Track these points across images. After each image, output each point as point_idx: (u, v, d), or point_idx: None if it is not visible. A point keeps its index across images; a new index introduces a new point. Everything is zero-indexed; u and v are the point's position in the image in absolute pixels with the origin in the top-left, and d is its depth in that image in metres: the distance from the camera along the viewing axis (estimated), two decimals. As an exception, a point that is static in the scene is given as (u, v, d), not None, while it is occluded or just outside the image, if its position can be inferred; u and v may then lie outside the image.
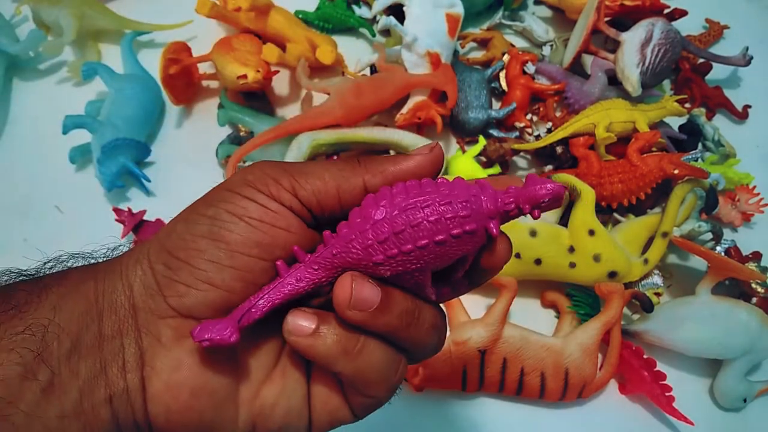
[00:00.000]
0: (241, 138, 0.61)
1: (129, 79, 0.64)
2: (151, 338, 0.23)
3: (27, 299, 0.22)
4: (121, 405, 0.22)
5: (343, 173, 0.25)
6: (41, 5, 0.64)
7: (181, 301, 0.23)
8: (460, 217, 0.22)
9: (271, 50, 0.61)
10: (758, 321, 0.55)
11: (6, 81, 0.67)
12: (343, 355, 0.23)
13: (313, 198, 0.24)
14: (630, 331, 0.57)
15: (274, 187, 0.24)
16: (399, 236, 0.22)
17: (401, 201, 0.23)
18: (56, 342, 0.22)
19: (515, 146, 0.64)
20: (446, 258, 0.23)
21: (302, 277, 0.24)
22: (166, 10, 0.71)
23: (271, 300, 0.23)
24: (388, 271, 0.23)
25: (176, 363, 0.23)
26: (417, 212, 0.22)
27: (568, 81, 0.68)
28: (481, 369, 0.52)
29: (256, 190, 0.24)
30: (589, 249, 0.56)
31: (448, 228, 0.22)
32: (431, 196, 0.23)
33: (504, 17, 0.76)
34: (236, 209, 0.24)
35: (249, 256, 0.23)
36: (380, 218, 0.22)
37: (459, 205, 0.23)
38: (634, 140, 0.61)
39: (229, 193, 0.24)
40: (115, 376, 0.22)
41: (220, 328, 0.22)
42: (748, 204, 0.66)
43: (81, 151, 0.61)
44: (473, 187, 0.23)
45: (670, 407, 0.54)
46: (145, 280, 0.23)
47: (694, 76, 0.73)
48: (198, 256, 0.23)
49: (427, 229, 0.22)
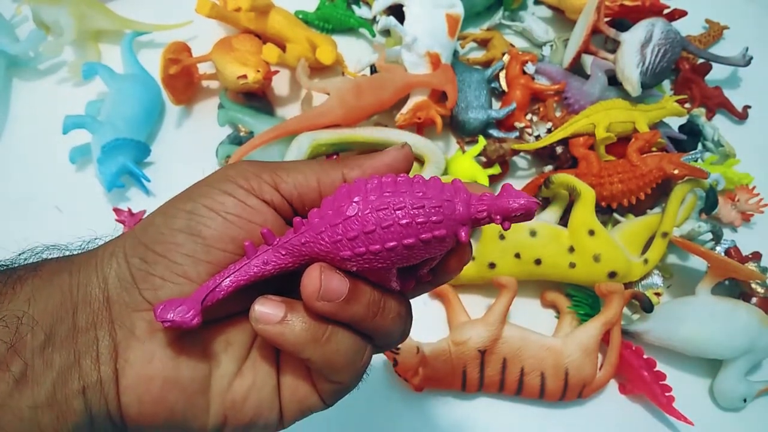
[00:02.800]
0: (241, 138, 0.61)
1: (129, 79, 0.64)
2: (125, 331, 0.23)
3: (1, 291, 0.22)
4: (94, 396, 0.22)
5: (323, 167, 0.26)
6: (41, 5, 0.64)
7: (155, 294, 0.23)
8: (431, 222, 0.22)
9: (271, 50, 0.61)
10: (758, 321, 0.55)
11: (6, 81, 0.67)
12: (312, 343, 0.24)
13: (294, 191, 0.25)
14: (630, 331, 0.57)
15: (255, 181, 0.25)
16: (369, 236, 0.22)
17: (374, 199, 0.23)
18: (30, 334, 0.22)
19: (515, 146, 0.64)
20: (413, 259, 0.24)
21: (269, 260, 0.24)
22: (166, 10, 0.71)
23: (237, 281, 0.23)
24: (354, 266, 0.23)
25: (149, 355, 0.23)
26: (389, 213, 0.22)
27: (568, 81, 0.68)
28: (481, 369, 0.52)
29: (235, 185, 0.24)
30: (589, 249, 0.56)
31: (419, 232, 0.22)
32: (404, 198, 0.23)
33: (504, 17, 0.76)
34: (214, 204, 0.24)
35: (224, 251, 0.24)
36: (352, 215, 0.23)
37: (432, 209, 0.23)
38: (634, 140, 0.61)
39: (208, 188, 0.24)
40: (89, 367, 0.22)
41: (183, 310, 0.22)
42: (748, 204, 0.66)
43: (81, 151, 0.61)
44: (448, 189, 0.23)
45: (670, 407, 0.54)
46: (120, 273, 0.24)
47: (693, 76, 0.73)
48: (174, 249, 0.23)
49: (397, 231, 0.22)
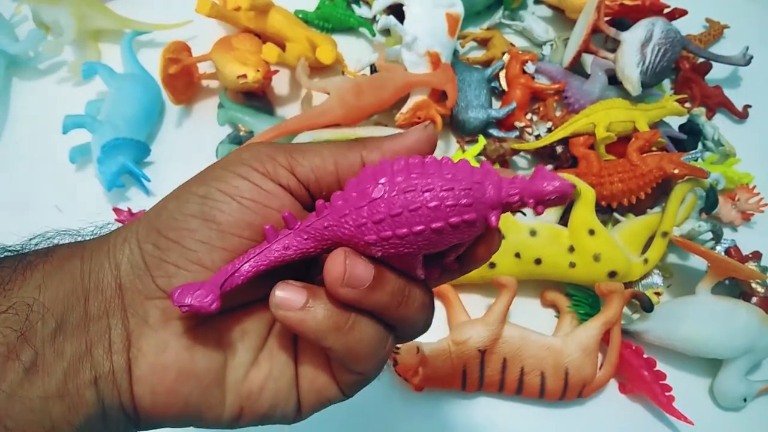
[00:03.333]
0: (241, 138, 0.61)
1: (129, 79, 0.64)
2: (137, 319, 0.23)
3: (11, 277, 0.22)
4: (106, 387, 0.22)
5: (340, 149, 0.24)
6: (41, 5, 0.64)
7: (169, 281, 0.22)
8: (461, 206, 0.21)
9: (270, 50, 0.61)
10: (758, 321, 0.55)
11: (6, 81, 0.67)
12: (334, 331, 0.23)
13: (311, 175, 0.24)
14: (630, 331, 0.57)
15: (270, 164, 0.23)
16: (395, 219, 0.21)
17: (402, 181, 0.21)
18: (41, 322, 0.21)
19: (515, 146, 0.64)
20: (440, 244, 0.22)
21: (290, 244, 0.23)
22: (166, 9, 0.71)
23: (257, 265, 0.23)
24: (379, 251, 0.22)
25: (162, 345, 0.23)
26: (417, 195, 0.21)
27: (568, 80, 0.68)
28: (481, 369, 0.52)
29: (251, 169, 0.23)
30: (589, 249, 0.56)
31: (447, 216, 0.21)
32: (433, 180, 0.21)
33: (504, 17, 0.76)
34: (228, 188, 0.23)
35: (240, 237, 0.23)
36: (378, 197, 0.21)
37: (461, 192, 0.21)
38: (634, 140, 0.61)
39: (223, 172, 0.23)
40: (101, 357, 0.22)
41: (201, 294, 0.21)
42: (748, 203, 0.65)
43: (81, 151, 0.61)
44: (478, 172, 0.22)
45: (670, 407, 0.54)
46: (133, 260, 0.23)
47: (694, 75, 0.73)
48: (188, 236, 0.23)
49: (425, 215, 0.21)
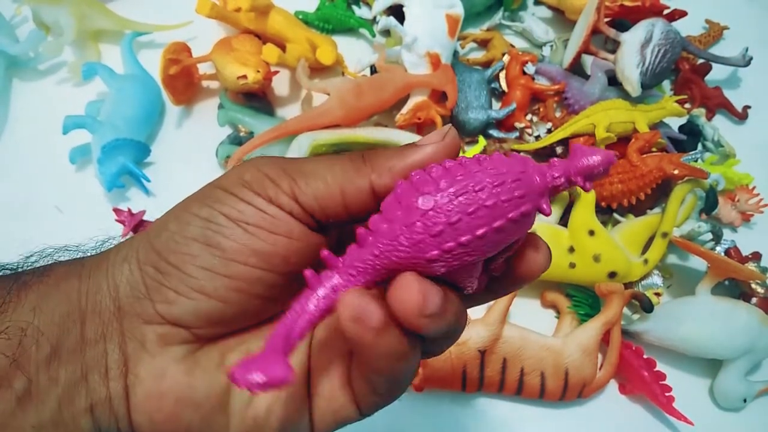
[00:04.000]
0: (241, 138, 0.61)
1: (129, 80, 0.64)
2: (135, 344, 0.22)
3: (5, 299, 0.21)
4: (103, 414, 0.21)
5: (347, 174, 0.22)
6: (41, 5, 0.64)
7: (169, 308, 0.21)
8: (515, 198, 0.20)
9: (271, 51, 0.61)
10: (758, 321, 0.55)
11: (6, 81, 0.67)
12: (397, 360, 0.20)
13: (314, 203, 0.22)
14: (630, 331, 0.57)
15: (272, 189, 0.22)
16: (455, 227, 0.19)
17: (448, 185, 0.19)
18: (35, 346, 0.20)
19: (515, 146, 0.64)
20: (500, 245, 0.21)
21: (339, 285, 0.20)
22: (166, 10, 0.71)
23: (310, 320, 0.20)
24: (443, 267, 0.20)
25: (161, 371, 0.22)
26: (471, 197, 0.19)
27: (568, 81, 0.68)
28: (481, 369, 0.52)
29: (253, 193, 0.22)
30: (589, 249, 0.56)
31: (506, 211, 0.20)
32: (481, 177, 0.19)
33: (504, 18, 0.76)
34: (232, 212, 0.22)
35: (246, 265, 0.21)
36: (429, 208, 0.19)
37: (512, 184, 0.20)
38: (634, 140, 0.61)
39: (225, 194, 0.22)
40: (97, 383, 0.21)
41: (270, 368, 0.18)
42: (748, 204, 0.66)
43: (81, 151, 0.61)
44: (516, 162, 0.21)
45: (669, 407, 0.54)
46: (132, 281, 0.22)
47: (693, 76, 0.73)
48: (189, 261, 0.21)
49: (484, 215, 0.19)
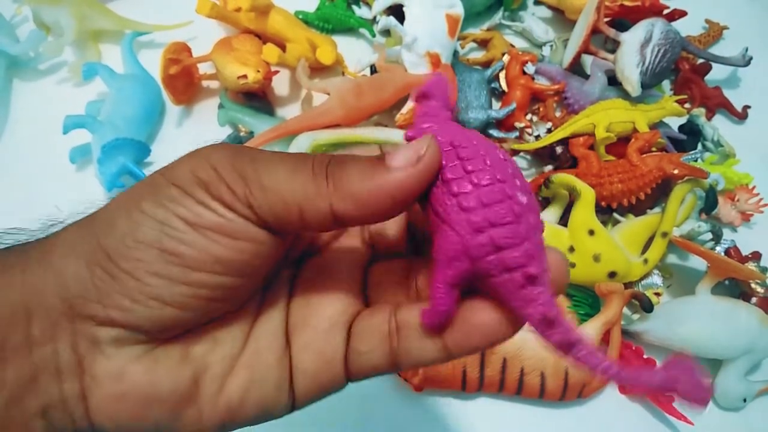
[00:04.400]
0: (241, 138, 0.61)
1: (129, 79, 0.64)
2: (88, 344, 0.20)
3: None
4: (57, 416, 0.20)
5: (307, 194, 0.20)
6: (41, 5, 0.64)
7: (123, 315, 0.20)
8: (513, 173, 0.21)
9: (271, 50, 0.61)
10: (758, 321, 0.55)
11: (6, 81, 0.67)
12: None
13: (271, 217, 0.20)
14: (630, 331, 0.57)
15: (228, 195, 0.20)
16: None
17: (477, 195, 0.20)
18: None
19: (515, 146, 0.64)
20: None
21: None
22: (166, 10, 0.71)
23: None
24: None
25: (118, 372, 0.20)
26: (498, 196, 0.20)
27: (568, 81, 0.68)
28: (481, 369, 0.52)
29: (210, 196, 0.20)
30: (589, 249, 0.56)
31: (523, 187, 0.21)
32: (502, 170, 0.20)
33: (504, 18, 0.76)
34: (189, 216, 0.20)
35: (207, 272, 0.20)
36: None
37: (502, 163, 0.21)
38: (634, 140, 0.61)
39: (180, 194, 0.20)
40: (49, 385, 0.20)
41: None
42: (748, 204, 0.66)
43: (81, 151, 0.61)
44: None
45: (669, 407, 0.54)
46: (81, 280, 0.20)
47: (693, 76, 0.73)
48: (144, 268, 0.20)
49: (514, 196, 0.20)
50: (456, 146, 0.21)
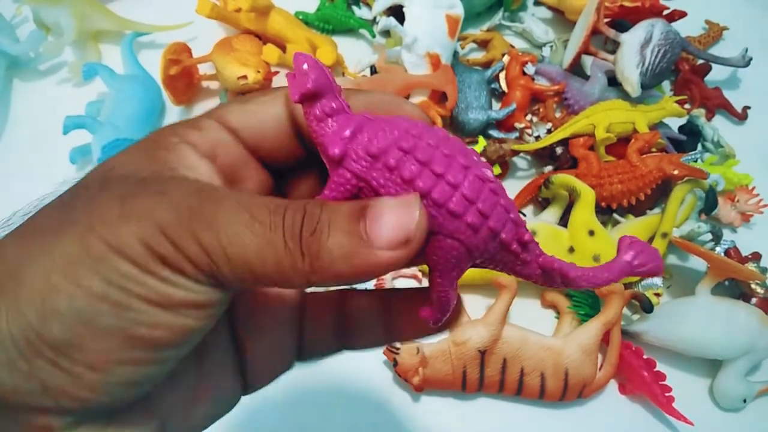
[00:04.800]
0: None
1: (129, 80, 0.64)
2: (36, 430, 0.17)
3: None
4: None
5: (280, 269, 0.18)
6: (41, 6, 0.64)
7: (82, 404, 0.17)
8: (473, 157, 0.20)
9: (271, 51, 0.61)
10: (758, 321, 0.55)
11: (6, 81, 0.67)
12: None
13: (238, 284, 0.18)
14: (630, 332, 0.57)
15: (191, 268, 0.17)
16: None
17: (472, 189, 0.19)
18: None
19: (515, 147, 0.64)
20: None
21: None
22: (166, 11, 0.71)
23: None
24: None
25: None
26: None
27: (568, 82, 0.68)
28: (481, 369, 0.52)
29: (169, 270, 0.17)
30: (589, 249, 0.56)
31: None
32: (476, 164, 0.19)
33: (504, 18, 0.76)
34: (154, 296, 0.17)
35: (179, 346, 0.18)
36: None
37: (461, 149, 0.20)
38: (634, 141, 0.61)
39: (133, 269, 0.17)
40: None
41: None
42: (748, 204, 0.66)
43: (81, 151, 0.61)
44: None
45: (669, 407, 0.54)
46: (17, 373, 0.16)
47: (693, 77, 0.73)
48: (108, 358, 0.17)
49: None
50: (408, 150, 0.18)
